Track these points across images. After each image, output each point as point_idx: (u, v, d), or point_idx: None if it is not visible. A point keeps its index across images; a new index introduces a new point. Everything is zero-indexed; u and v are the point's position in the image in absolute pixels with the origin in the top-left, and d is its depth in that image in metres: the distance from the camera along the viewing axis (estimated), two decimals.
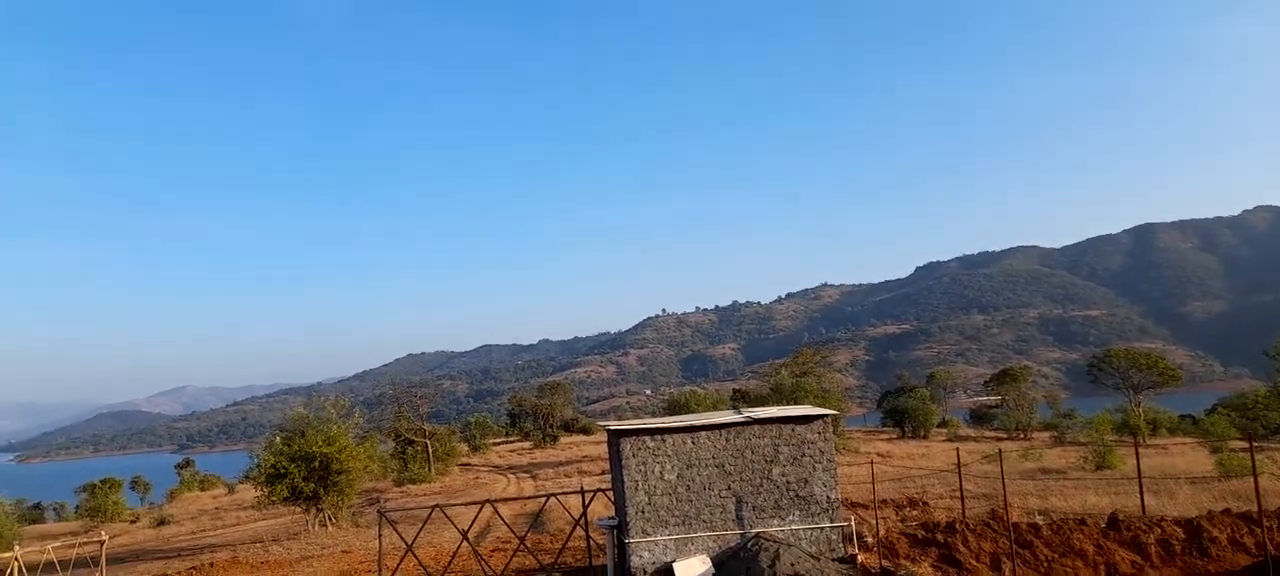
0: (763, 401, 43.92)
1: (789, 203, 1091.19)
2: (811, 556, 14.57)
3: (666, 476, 15.67)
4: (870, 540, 17.32)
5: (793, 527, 15.42)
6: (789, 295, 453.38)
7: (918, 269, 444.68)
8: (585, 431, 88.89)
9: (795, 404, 31.65)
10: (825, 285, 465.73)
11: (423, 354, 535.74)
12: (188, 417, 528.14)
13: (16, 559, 20.18)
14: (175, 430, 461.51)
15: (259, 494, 35.99)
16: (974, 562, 16.01)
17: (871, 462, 21.87)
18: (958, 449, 24.47)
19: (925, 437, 56.85)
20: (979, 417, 68.15)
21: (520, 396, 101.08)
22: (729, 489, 15.62)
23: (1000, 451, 17.98)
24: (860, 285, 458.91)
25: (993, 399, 70.05)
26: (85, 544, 26.35)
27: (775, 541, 14.67)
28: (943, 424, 66.79)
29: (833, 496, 15.65)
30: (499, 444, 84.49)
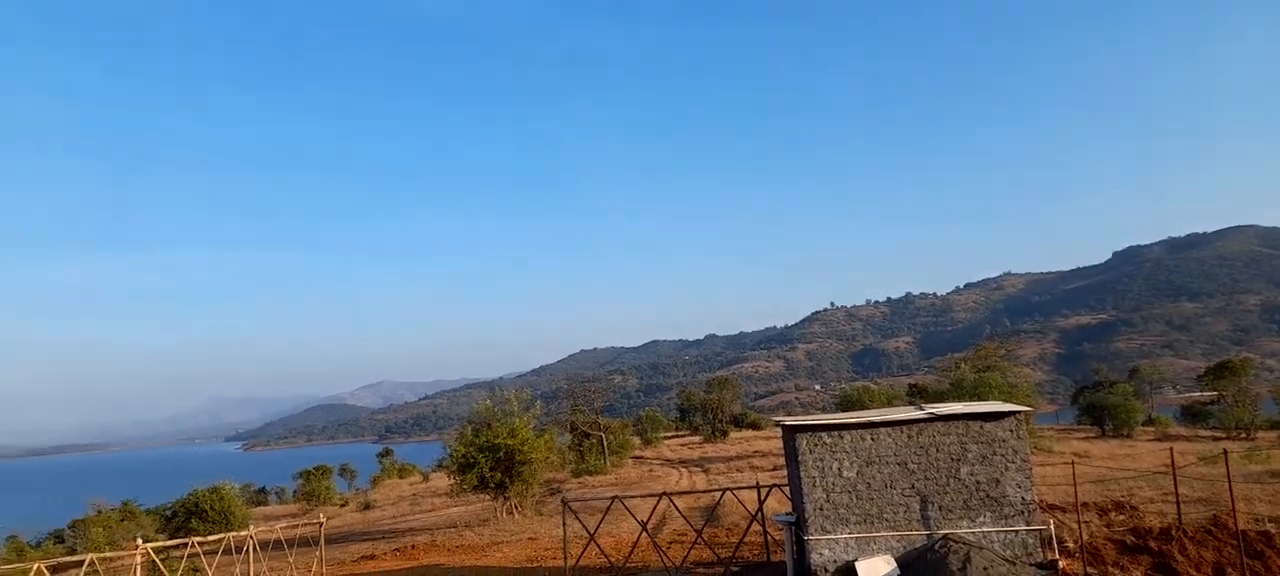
0: (941, 397, 41.92)
1: (966, 189, 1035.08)
2: (1006, 560, 13.80)
3: (845, 473, 15.34)
4: (1071, 545, 16.20)
5: (983, 530, 14.67)
6: (968, 285, 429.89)
7: (1116, 254, 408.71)
8: (755, 426, 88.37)
9: (979, 400, 30.06)
10: (1008, 274, 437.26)
11: (594, 349, 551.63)
12: (386, 410, 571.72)
13: (252, 537, 22.63)
14: (375, 421, 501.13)
15: (451, 482, 38.42)
16: (1193, 572, 14.61)
17: (1071, 463, 20.37)
18: (1171, 449, 22.32)
19: (1129, 437, 52.24)
20: (1191, 415, 61.61)
21: (689, 391, 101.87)
22: (913, 488, 15.09)
23: (1225, 452, 16.26)
24: (1048, 273, 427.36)
25: (1208, 394, 63.21)
26: (305, 525, 29.18)
27: (965, 543, 14.01)
28: (1149, 421, 61.16)
29: (1028, 498, 14.75)
30: (669, 438, 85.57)
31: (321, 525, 24.51)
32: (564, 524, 20.67)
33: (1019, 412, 15.13)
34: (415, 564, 25.18)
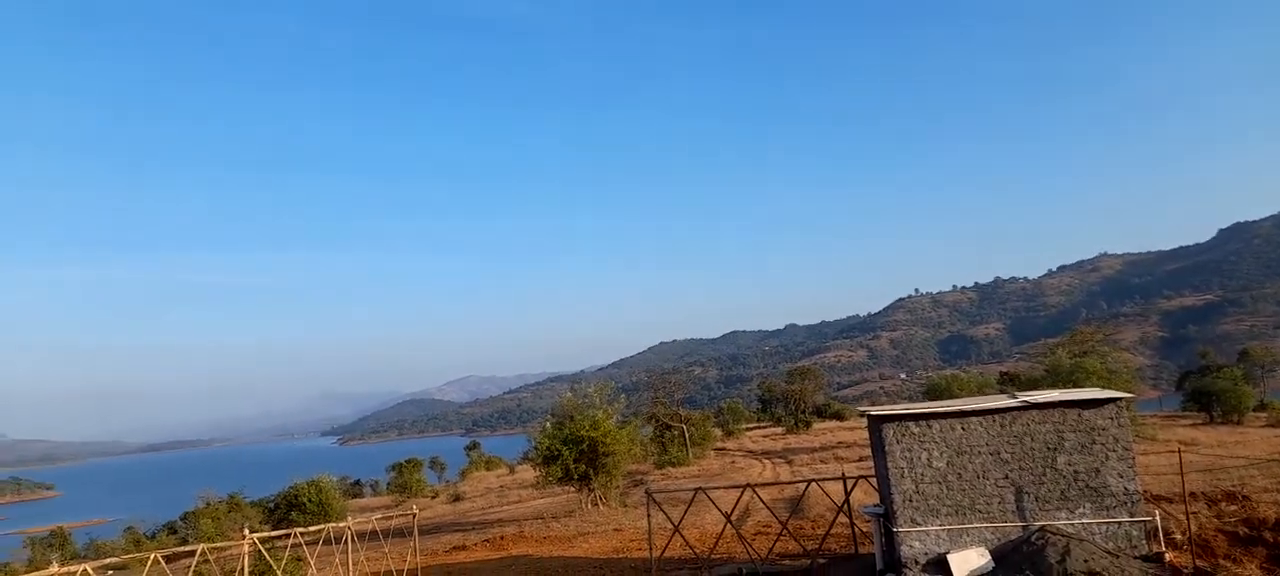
0: (1035, 384, 40.42)
1: (1056, 166, 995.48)
2: (1108, 553, 13.27)
3: (935, 464, 15.00)
4: (1179, 537, 15.49)
5: (1083, 521, 14.13)
6: (1061, 268, 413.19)
7: (1221, 231, 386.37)
8: (838, 417, 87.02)
9: (1075, 387, 28.93)
10: (1104, 254, 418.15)
11: (673, 341, 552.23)
12: (472, 404, 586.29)
13: (349, 528, 23.54)
14: (462, 415, 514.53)
15: (537, 474, 39.09)
16: None
17: (1177, 451, 19.39)
18: None
19: (1239, 423, 49.38)
20: None
21: (770, 382, 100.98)
22: (1006, 478, 14.65)
23: None
24: (1147, 253, 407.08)
25: None
26: (399, 516, 30.19)
27: (1064, 535, 13.53)
28: (1261, 407, 57.70)
29: (1131, 488, 14.14)
30: (751, 429, 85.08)
31: (414, 516, 25.29)
32: (649, 515, 20.81)
33: (1120, 399, 14.53)
34: (505, 554, 25.76)
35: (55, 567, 13.91)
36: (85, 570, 14.47)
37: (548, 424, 38.32)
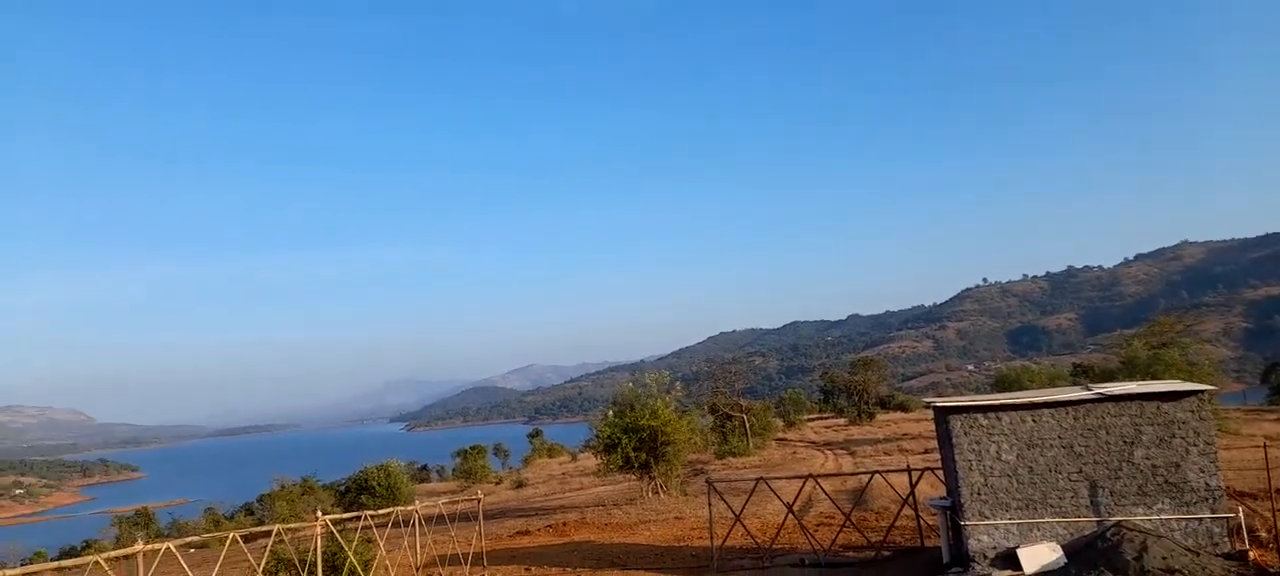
0: (1110, 376, 39.13)
1: (1132, 150, 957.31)
2: (1188, 550, 12.80)
3: (1004, 457, 14.67)
4: (1264, 535, 14.85)
5: (1162, 517, 13.65)
6: (1138, 256, 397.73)
7: None
8: (903, 408, 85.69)
9: (1153, 379, 27.90)
10: (1185, 243, 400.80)
11: (733, 331, 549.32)
12: (534, 392, 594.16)
13: (417, 512, 24.12)
14: (525, 403, 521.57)
15: (598, 462, 39.40)
16: None
17: (1263, 446, 18.52)
18: None
19: None
20: None
21: (832, 372, 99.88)
22: (1080, 472, 14.23)
23: None
24: (1232, 241, 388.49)
25: None
26: (464, 501, 30.76)
27: (1141, 531, 13.09)
28: None
29: (1213, 483, 13.60)
30: (812, 420, 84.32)
31: (479, 501, 25.75)
32: (710, 504, 20.82)
33: (1201, 392, 13.97)
34: (568, 540, 26.06)
35: (140, 545, 14.55)
36: (168, 548, 15.12)
37: (609, 412, 38.56)
